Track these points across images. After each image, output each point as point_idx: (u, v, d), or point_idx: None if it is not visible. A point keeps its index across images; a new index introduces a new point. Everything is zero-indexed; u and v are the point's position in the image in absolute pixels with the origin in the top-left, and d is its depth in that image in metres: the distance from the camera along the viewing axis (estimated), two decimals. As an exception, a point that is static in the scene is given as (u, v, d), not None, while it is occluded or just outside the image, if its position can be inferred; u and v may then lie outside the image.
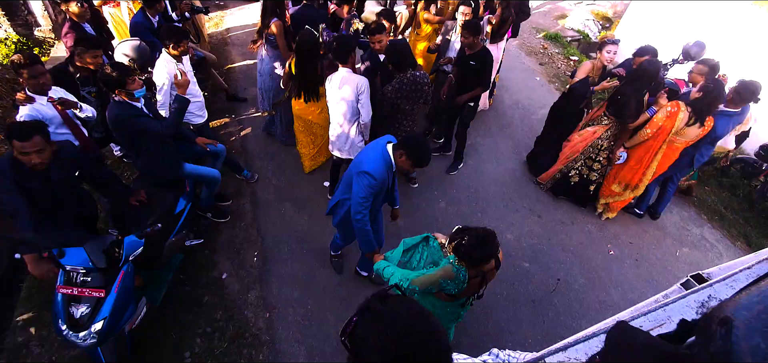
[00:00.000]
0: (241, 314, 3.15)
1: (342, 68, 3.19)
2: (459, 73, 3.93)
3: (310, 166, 4.25)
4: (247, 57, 5.99)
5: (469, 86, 3.88)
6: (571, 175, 4.15)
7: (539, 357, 0.74)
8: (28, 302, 3.07)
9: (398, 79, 3.30)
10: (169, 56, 3.21)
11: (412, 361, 0.80)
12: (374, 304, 0.87)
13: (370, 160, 2.38)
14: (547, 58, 7.32)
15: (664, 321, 0.81)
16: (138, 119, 2.65)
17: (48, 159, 2.33)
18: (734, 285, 0.83)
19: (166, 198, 3.03)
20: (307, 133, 3.98)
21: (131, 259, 2.56)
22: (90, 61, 3.08)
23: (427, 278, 2.07)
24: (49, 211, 2.54)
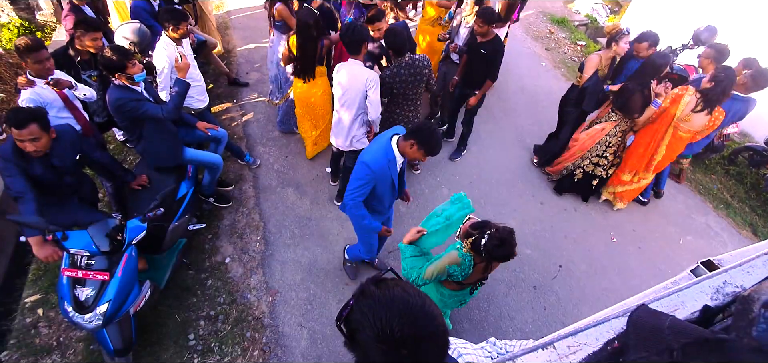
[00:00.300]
0: (244, 298, 3.18)
1: (352, 60, 3.09)
2: (468, 61, 3.85)
3: (314, 151, 4.22)
4: (249, 41, 5.93)
5: (477, 75, 3.80)
6: (575, 172, 4.06)
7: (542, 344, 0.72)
8: (35, 285, 3.12)
9: (396, 63, 3.23)
10: (168, 39, 3.17)
11: (409, 345, 0.79)
12: (370, 289, 0.86)
13: (373, 152, 2.37)
14: (554, 43, 7.19)
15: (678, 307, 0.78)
16: (138, 104, 2.64)
17: (44, 146, 2.34)
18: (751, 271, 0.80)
19: (168, 183, 3.04)
20: (308, 117, 3.92)
21: (134, 243, 2.58)
22: (90, 44, 3.05)
23: (435, 267, 2.11)
24: (52, 194, 2.58)
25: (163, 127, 2.90)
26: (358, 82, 3.06)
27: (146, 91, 2.84)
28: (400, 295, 0.83)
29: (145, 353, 2.81)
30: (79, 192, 2.77)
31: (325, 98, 3.76)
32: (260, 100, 4.97)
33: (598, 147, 3.83)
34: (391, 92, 3.31)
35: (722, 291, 0.77)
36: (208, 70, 5.17)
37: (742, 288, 0.78)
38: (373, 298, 0.84)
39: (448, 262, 2.07)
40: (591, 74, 3.72)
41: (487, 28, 3.46)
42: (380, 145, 2.38)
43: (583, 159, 3.96)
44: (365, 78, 3.04)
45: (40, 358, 2.73)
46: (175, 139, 3.03)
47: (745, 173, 4.98)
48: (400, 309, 0.81)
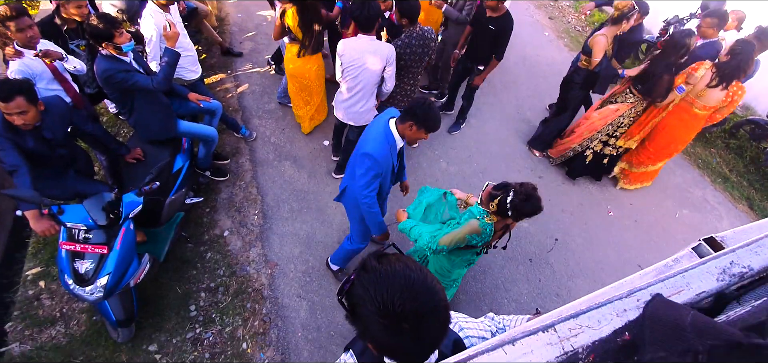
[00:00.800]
0: (244, 270, 3.22)
1: (365, 36, 2.94)
2: (473, 34, 3.70)
3: (310, 127, 4.17)
4: (242, 9, 5.72)
5: (482, 50, 3.65)
6: (586, 154, 3.94)
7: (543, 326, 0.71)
8: (36, 257, 3.14)
9: (407, 33, 3.12)
10: (155, 6, 3.03)
11: (411, 319, 0.80)
12: (371, 263, 0.87)
13: (372, 140, 2.24)
14: (558, 12, 6.98)
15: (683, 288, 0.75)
16: (127, 75, 2.56)
17: (32, 119, 2.29)
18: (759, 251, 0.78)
19: (163, 156, 3.00)
20: (302, 94, 3.83)
21: (132, 216, 2.58)
22: (75, 12, 2.93)
23: (454, 235, 2.11)
24: (47, 167, 2.55)
25: (155, 99, 2.83)
26: (376, 57, 2.94)
27: (136, 61, 2.75)
28: (401, 269, 0.83)
29: (148, 324, 2.86)
30: (74, 165, 2.74)
31: (319, 73, 3.67)
32: (255, 70, 4.85)
33: (609, 127, 3.71)
34: (398, 65, 3.21)
35: (729, 271, 0.75)
36: (200, 39, 5.00)
37: (749, 268, 0.76)
38: (374, 273, 0.84)
39: (468, 232, 2.08)
40: (601, 57, 3.52)
41: (496, 2, 3.29)
42: (379, 131, 2.25)
43: (591, 139, 3.84)
44: (386, 54, 2.95)
45: (44, 328, 2.78)
46: (167, 111, 2.97)
47: (746, 147, 4.96)
48: (402, 283, 0.81)
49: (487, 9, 3.39)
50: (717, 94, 3.25)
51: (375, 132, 2.26)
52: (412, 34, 3.12)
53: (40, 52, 2.67)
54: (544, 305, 3.26)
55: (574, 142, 3.99)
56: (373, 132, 2.28)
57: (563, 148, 4.10)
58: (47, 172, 2.58)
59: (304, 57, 3.50)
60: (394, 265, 0.84)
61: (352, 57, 2.99)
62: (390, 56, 2.96)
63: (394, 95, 3.43)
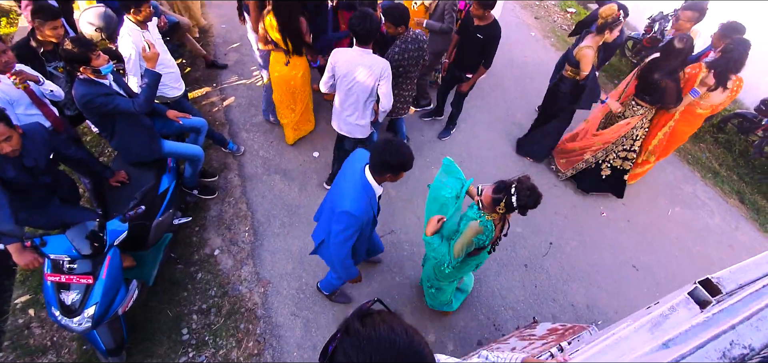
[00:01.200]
0: (236, 290, 3.16)
1: (361, 49, 2.83)
2: (460, 43, 3.66)
3: (294, 136, 4.10)
4: (226, 19, 5.63)
5: (471, 59, 3.62)
6: (602, 168, 3.87)
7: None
8: (24, 285, 3.07)
9: (401, 39, 3.07)
10: (132, 24, 2.94)
11: None
12: (354, 326, 0.84)
13: (350, 195, 2.06)
14: (543, 11, 6.98)
15: None
16: (107, 98, 2.49)
17: (18, 144, 2.24)
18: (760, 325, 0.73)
19: (148, 178, 2.93)
20: (287, 101, 3.75)
21: (117, 243, 2.51)
22: (50, 34, 2.82)
23: (462, 242, 2.20)
24: (31, 196, 2.48)
25: (137, 121, 2.75)
26: (368, 71, 2.86)
27: (116, 82, 2.67)
28: (386, 334, 0.81)
29: (138, 351, 2.80)
30: (58, 191, 2.67)
31: (304, 80, 3.60)
32: (241, 82, 4.78)
33: (624, 140, 3.64)
34: (397, 71, 3.17)
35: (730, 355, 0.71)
36: (183, 53, 4.91)
37: (750, 349, 0.72)
38: (357, 337, 0.82)
39: (472, 235, 2.15)
40: (589, 71, 3.43)
41: (483, 12, 3.24)
42: (355, 184, 2.08)
43: (607, 152, 3.76)
44: (380, 68, 2.84)
45: (35, 358, 2.72)
46: (151, 133, 2.89)
47: (734, 141, 5.00)
48: (386, 348, 0.79)
49: (474, 18, 3.35)
50: (719, 95, 3.28)
51: (351, 185, 2.09)
52: (406, 39, 3.08)
53: (15, 72, 2.58)
54: (540, 311, 3.25)
55: (585, 154, 3.87)
56: (349, 185, 2.10)
57: (574, 160, 3.98)
58: (30, 201, 2.50)
59: (290, 63, 3.43)
60: (379, 329, 0.81)
61: (345, 69, 2.91)
62: (384, 71, 2.86)
63: (393, 104, 3.40)
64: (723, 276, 0.89)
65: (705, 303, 0.87)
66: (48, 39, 2.85)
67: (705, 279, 0.88)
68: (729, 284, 0.86)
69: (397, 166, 2.00)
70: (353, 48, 2.87)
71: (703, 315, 0.82)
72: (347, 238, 2.12)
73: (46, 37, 2.84)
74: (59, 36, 2.86)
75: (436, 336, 3.03)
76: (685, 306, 0.86)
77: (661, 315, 0.85)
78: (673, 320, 0.81)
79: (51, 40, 2.87)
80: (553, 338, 2.33)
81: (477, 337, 3.06)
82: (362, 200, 2.06)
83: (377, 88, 2.94)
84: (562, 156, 4.13)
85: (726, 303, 0.82)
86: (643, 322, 0.85)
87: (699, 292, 0.86)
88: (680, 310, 0.86)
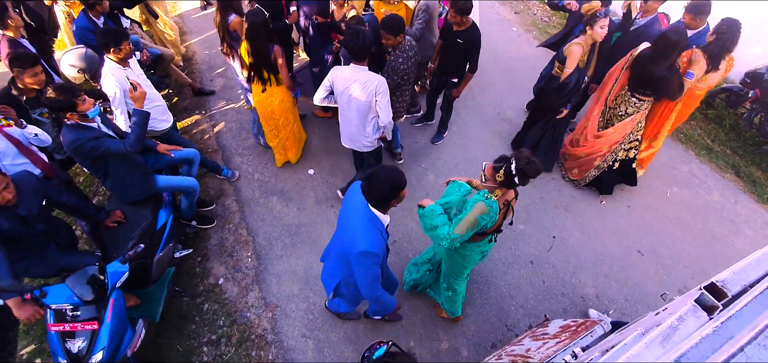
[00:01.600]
0: (244, 317, 3.13)
1: (357, 66, 2.84)
2: (443, 50, 3.66)
3: (281, 160, 4.06)
4: (209, 45, 5.60)
5: (454, 62, 3.63)
6: (614, 165, 3.83)
7: None
8: (28, 335, 3.02)
9: (401, 49, 3.08)
10: (113, 63, 2.89)
11: None
12: None
13: (362, 234, 2.00)
14: (523, 5, 7.03)
15: None
16: (97, 142, 2.44)
17: (14, 192, 2.23)
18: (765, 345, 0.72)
19: (145, 215, 2.89)
20: (270, 125, 3.73)
21: (118, 285, 2.47)
22: (30, 81, 2.75)
23: (466, 221, 2.18)
24: (27, 247, 2.43)
25: (130, 159, 2.71)
26: (364, 88, 2.86)
27: (104, 124, 2.64)
28: None
29: (149, 392, 2.75)
30: (54, 238, 2.62)
31: (282, 107, 3.57)
32: (230, 107, 4.74)
33: (629, 135, 3.63)
34: (402, 80, 3.17)
35: None
36: (169, 83, 4.87)
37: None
38: None
39: (477, 214, 2.16)
40: (573, 69, 3.36)
41: (460, 18, 3.25)
42: (364, 221, 2.03)
43: (616, 153, 3.74)
44: (374, 85, 2.83)
45: (47, 408, 2.67)
46: (144, 170, 2.85)
47: (724, 115, 5.05)
48: None
49: (452, 24, 3.36)
50: (715, 76, 3.30)
51: (360, 223, 2.03)
52: (405, 48, 3.08)
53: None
54: (551, 307, 3.24)
55: (596, 161, 3.83)
56: (357, 223, 2.04)
57: (586, 168, 3.94)
58: (27, 251, 2.46)
59: (268, 91, 3.43)
60: None
61: (342, 86, 2.94)
62: (379, 87, 2.85)
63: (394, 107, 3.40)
64: (727, 278, 0.89)
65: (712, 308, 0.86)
66: (29, 87, 2.79)
67: (710, 284, 0.87)
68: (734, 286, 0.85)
69: (392, 193, 1.98)
70: (350, 66, 2.89)
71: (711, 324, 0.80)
72: (375, 276, 2.08)
73: (26, 85, 2.78)
74: (41, 82, 2.81)
75: (450, 343, 3.02)
76: (693, 314, 0.85)
77: (671, 327, 0.84)
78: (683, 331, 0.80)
79: (33, 88, 2.81)
80: (567, 336, 2.32)
81: (490, 340, 3.05)
82: (374, 235, 2.00)
83: (374, 104, 2.94)
84: (573, 164, 4.06)
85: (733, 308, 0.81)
86: (653, 336, 0.83)
87: (705, 297, 0.85)
88: (689, 319, 0.84)
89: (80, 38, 3.41)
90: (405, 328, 3.09)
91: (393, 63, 3.09)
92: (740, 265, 0.92)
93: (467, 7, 3.19)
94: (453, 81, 3.77)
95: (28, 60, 2.72)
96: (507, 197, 2.25)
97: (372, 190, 1.96)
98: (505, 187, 2.20)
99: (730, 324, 0.75)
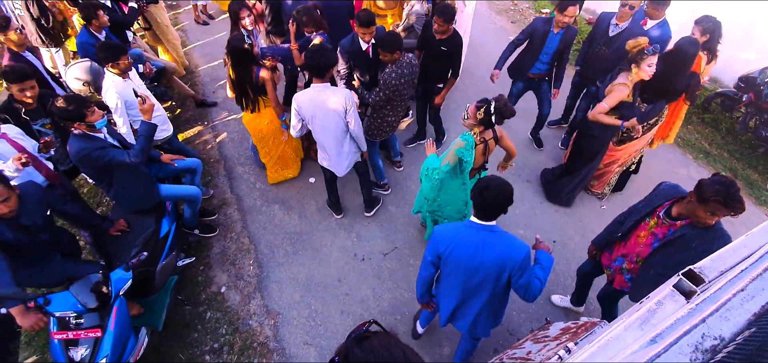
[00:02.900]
0: (246, 325, 3.13)
1: (319, 84, 2.83)
2: (426, 58, 3.70)
3: (273, 178, 4.04)
4: (210, 57, 5.70)
5: (436, 69, 3.68)
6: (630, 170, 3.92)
7: None
8: (30, 346, 3.03)
9: (398, 64, 3.13)
10: (113, 76, 2.97)
11: None
12: (353, 351, 0.86)
13: (508, 246, 1.98)
14: (519, 15, 7.15)
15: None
16: (103, 152, 2.50)
17: (15, 205, 2.24)
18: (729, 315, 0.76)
19: (148, 224, 2.92)
20: (261, 145, 3.76)
21: (122, 293, 2.49)
22: (18, 95, 2.80)
23: (449, 156, 2.68)
24: (31, 255, 2.46)
25: (134, 169, 2.76)
26: (335, 105, 2.84)
27: (110, 134, 2.69)
28: (385, 358, 0.83)
29: (152, 400, 2.75)
30: (58, 247, 2.64)
31: (271, 128, 3.61)
32: (232, 118, 4.81)
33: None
34: (393, 94, 3.21)
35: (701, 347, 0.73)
36: (172, 95, 4.95)
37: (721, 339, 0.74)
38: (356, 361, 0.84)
39: (456, 148, 2.60)
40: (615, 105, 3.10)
41: (447, 26, 3.32)
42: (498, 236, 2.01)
43: (635, 158, 3.81)
44: (343, 98, 2.83)
45: (48, 420, 2.66)
46: (148, 179, 2.89)
47: (720, 119, 5.10)
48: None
49: (436, 33, 3.41)
50: (711, 66, 3.58)
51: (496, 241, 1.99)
52: (402, 64, 3.14)
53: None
54: (552, 311, 3.25)
55: (614, 167, 3.78)
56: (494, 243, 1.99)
57: (605, 179, 3.92)
58: (31, 260, 2.48)
59: (256, 112, 3.47)
60: (378, 353, 0.84)
61: (310, 110, 2.87)
62: (348, 100, 2.86)
63: (386, 125, 3.47)
64: (705, 265, 0.92)
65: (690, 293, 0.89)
66: (24, 99, 2.83)
67: (688, 270, 0.91)
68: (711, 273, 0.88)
69: (504, 205, 1.97)
70: (311, 87, 2.86)
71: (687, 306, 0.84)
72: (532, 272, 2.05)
73: (22, 97, 2.82)
74: (35, 96, 2.85)
75: (451, 348, 3.02)
76: (672, 298, 0.88)
77: (649, 310, 0.87)
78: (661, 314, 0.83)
79: (26, 101, 2.84)
80: (567, 337, 2.33)
81: (492, 345, 3.05)
82: (508, 236, 2.01)
83: (346, 116, 2.92)
84: (593, 179, 4.01)
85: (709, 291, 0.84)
86: (633, 319, 0.87)
87: (683, 283, 0.88)
88: (667, 303, 0.88)
89: (83, 52, 3.50)
90: (406, 334, 3.09)
91: (386, 77, 3.15)
92: (718, 252, 0.96)
93: (453, 14, 3.31)
94: (439, 87, 3.81)
95: (16, 74, 2.76)
96: (485, 136, 2.65)
97: (485, 200, 1.95)
98: (483, 125, 2.57)
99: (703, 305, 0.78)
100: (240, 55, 3.19)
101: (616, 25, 3.66)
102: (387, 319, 3.14)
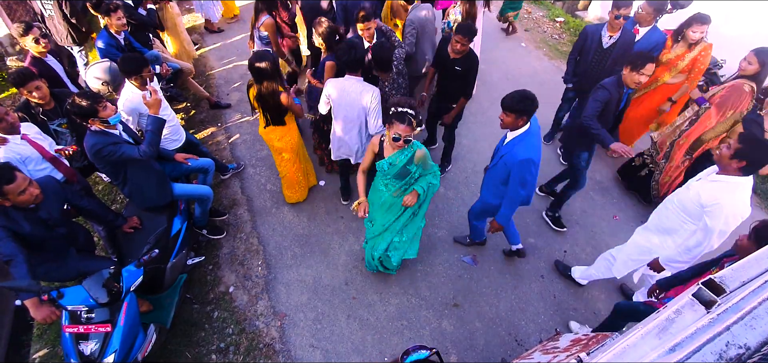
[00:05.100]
0: (253, 325, 3.14)
1: (352, 77, 3.01)
2: (441, 79, 3.64)
3: (288, 197, 3.90)
4: (225, 60, 5.79)
5: (452, 90, 3.59)
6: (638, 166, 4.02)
7: None
8: (42, 339, 3.07)
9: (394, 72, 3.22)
10: (133, 87, 3.04)
11: None
12: None
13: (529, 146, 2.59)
14: (532, 23, 7.13)
15: None
16: (115, 147, 2.55)
17: (38, 191, 2.31)
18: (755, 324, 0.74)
19: (160, 222, 2.96)
20: (275, 156, 3.64)
21: (133, 289, 2.52)
22: (34, 95, 2.87)
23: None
24: (48, 250, 2.51)
25: (148, 166, 2.81)
26: (361, 99, 3.02)
27: (124, 131, 2.75)
28: None
29: (159, 397, 2.76)
30: (74, 242, 2.70)
31: (287, 141, 3.45)
32: (245, 120, 4.87)
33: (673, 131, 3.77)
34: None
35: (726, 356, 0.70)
36: (187, 96, 5.04)
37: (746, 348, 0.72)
38: None
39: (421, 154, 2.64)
40: None
41: (465, 46, 3.24)
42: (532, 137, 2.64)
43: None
44: (370, 95, 3.00)
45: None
46: (161, 177, 2.94)
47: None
48: None
49: (451, 52, 3.32)
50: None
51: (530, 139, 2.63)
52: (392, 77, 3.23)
53: None
54: (562, 321, 3.18)
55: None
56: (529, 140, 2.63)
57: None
58: (48, 255, 2.53)
59: (269, 126, 3.36)
60: None
61: (338, 98, 3.07)
62: (375, 96, 3.01)
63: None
64: (726, 275, 0.89)
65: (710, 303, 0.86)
66: (35, 101, 2.91)
67: (708, 279, 0.87)
68: (732, 282, 0.85)
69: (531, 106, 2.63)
70: (346, 77, 3.03)
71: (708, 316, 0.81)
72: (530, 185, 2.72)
73: (27, 98, 2.90)
74: (45, 97, 2.92)
75: (459, 357, 2.97)
76: (691, 307, 0.85)
77: (667, 319, 0.84)
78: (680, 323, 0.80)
79: (37, 101, 2.92)
80: (577, 349, 2.28)
81: (500, 355, 2.99)
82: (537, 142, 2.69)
83: (368, 112, 3.06)
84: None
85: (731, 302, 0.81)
86: (650, 328, 0.84)
87: (703, 292, 0.85)
88: (686, 312, 0.85)
89: (105, 55, 3.59)
90: (413, 340, 3.06)
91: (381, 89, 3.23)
92: (739, 263, 0.93)
93: (474, 32, 3.26)
94: (452, 106, 3.69)
95: (18, 78, 2.83)
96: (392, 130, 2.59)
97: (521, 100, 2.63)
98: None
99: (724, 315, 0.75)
100: (262, 74, 2.99)
101: (610, 36, 3.65)
102: (393, 324, 3.12)
